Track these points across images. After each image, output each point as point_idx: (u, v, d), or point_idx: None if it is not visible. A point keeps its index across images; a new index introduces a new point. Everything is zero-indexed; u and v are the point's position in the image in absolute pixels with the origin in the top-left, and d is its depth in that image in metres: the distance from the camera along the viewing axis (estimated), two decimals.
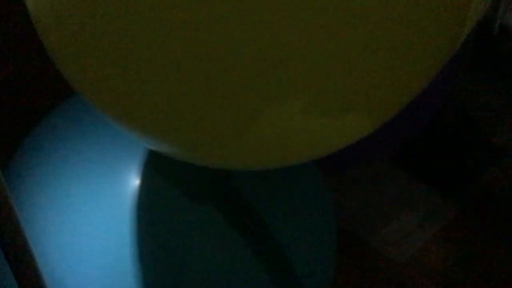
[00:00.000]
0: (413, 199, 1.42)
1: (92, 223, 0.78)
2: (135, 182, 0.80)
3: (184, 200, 0.80)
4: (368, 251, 1.34)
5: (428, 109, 1.21)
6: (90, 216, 0.79)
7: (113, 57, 0.48)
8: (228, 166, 0.68)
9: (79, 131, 0.85)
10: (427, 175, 1.45)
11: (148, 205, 0.79)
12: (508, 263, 1.32)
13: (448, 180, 1.45)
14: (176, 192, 0.80)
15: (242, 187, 0.82)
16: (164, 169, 0.81)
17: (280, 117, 0.49)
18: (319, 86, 0.48)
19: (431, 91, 0.69)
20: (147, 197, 0.79)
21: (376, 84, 0.50)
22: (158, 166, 0.81)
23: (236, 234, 0.80)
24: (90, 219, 0.79)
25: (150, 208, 0.79)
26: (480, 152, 1.50)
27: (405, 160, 1.46)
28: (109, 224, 0.78)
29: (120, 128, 0.60)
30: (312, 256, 0.88)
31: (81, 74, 0.54)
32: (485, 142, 1.50)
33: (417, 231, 1.37)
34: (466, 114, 1.51)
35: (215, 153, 0.56)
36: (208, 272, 0.79)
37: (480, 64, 1.48)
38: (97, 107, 0.58)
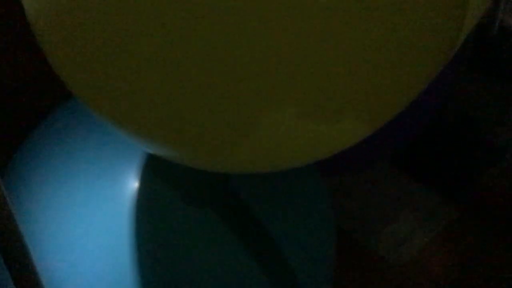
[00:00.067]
0: (413, 199, 1.42)
1: (90, 226, 0.78)
2: (134, 185, 0.80)
3: (183, 202, 0.80)
4: (367, 252, 1.34)
5: (428, 110, 1.21)
6: (89, 219, 0.79)
7: (110, 62, 0.48)
8: (225, 170, 0.68)
9: (78, 133, 0.85)
10: (427, 176, 1.45)
11: (147, 207, 0.79)
12: (508, 264, 1.32)
13: (448, 180, 1.45)
14: (175, 194, 0.80)
15: (241, 188, 0.82)
16: (163, 171, 0.81)
17: (277, 121, 0.49)
18: (317, 89, 0.48)
19: (431, 92, 0.69)
20: (145, 200, 0.79)
21: (373, 88, 0.50)
22: (157, 169, 0.81)
23: (235, 235, 0.80)
24: (88, 222, 0.78)
25: (148, 211, 0.79)
26: (480, 152, 1.49)
27: (405, 161, 1.46)
28: (108, 227, 0.78)
29: (118, 132, 0.60)
30: (311, 257, 0.88)
31: (78, 77, 0.53)
32: (485, 143, 1.50)
33: (417, 231, 1.37)
34: (466, 114, 1.51)
35: (213, 158, 0.56)
36: (207, 274, 0.79)
37: (480, 64, 1.48)
38: (95, 112, 0.58)
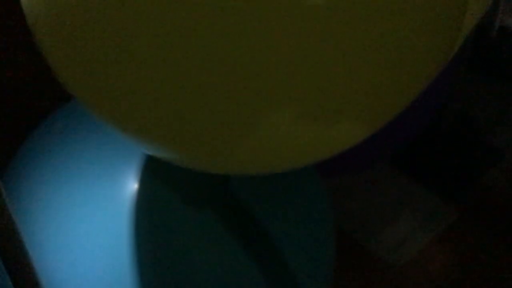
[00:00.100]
0: (413, 200, 1.42)
1: (90, 226, 0.78)
2: (134, 185, 0.80)
3: (182, 202, 0.80)
4: (367, 253, 1.34)
5: (428, 110, 1.21)
6: (88, 219, 0.79)
7: (109, 63, 0.48)
8: (225, 172, 0.68)
9: (78, 133, 0.85)
10: (427, 177, 1.45)
11: (147, 208, 0.79)
12: (508, 264, 1.32)
13: (448, 181, 1.45)
14: (175, 194, 0.80)
15: (240, 188, 0.82)
16: (163, 171, 0.81)
17: (276, 123, 0.49)
18: (317, 90, 0.48)
19: (431, 92, 0.69)
20: (145, 200, 0.79)
21: (373, 88, 0.50)
22: (157, 168, 0.80)
23: (235, 235, 0.80)
24: (88, 222, 0.78)
25: (148, 211, 0.79)
26: (480, 153, 1.49)
27: (404, 162, 1.46)
28: (108, 227, 0.78)
29: (118, 134, 0.59)
30: (311, 257, 0.88)
31: (77, 79, 0.53)
32: (485, 143, 1.50)
33: (417, 232, 1.37)
34: (466, 114, 1.51)
35: (213, 159, 0.56)
36: (207, 274, 0.79)
37: (479, 65, 1.48)
38: (95, 113, 0.58)
